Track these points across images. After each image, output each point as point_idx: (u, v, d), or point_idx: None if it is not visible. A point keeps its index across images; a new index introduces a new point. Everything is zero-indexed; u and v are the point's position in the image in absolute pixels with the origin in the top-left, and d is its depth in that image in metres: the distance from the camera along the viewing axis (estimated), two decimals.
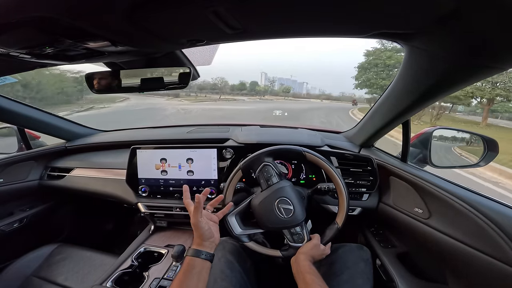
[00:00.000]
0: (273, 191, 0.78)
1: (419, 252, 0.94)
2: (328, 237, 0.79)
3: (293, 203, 0.77)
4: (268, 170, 0.81)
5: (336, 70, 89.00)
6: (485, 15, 0.38)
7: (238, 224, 0.80)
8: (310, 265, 0.68)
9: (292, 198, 0.78)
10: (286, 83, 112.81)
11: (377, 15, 0.45)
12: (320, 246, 0.76)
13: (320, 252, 0.75)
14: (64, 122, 1.35)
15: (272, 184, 0.80)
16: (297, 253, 0.74)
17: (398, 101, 0.78)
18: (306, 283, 0.63)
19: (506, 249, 0.58)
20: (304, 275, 0.65)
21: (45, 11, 0.37)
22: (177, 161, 1.03)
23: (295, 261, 0.71)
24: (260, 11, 0.44)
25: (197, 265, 0.57)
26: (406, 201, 0.89)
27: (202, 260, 0.58)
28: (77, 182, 1.23)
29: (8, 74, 0.81)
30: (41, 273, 1.00)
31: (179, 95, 26.51)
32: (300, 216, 0.77)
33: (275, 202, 0.77)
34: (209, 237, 0.62)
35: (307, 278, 0.64)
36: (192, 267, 0.56)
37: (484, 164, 0.92)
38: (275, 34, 0.56)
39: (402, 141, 0.95)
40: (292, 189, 0.81)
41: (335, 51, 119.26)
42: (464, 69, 0.54)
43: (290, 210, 0.76)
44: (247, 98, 38.96)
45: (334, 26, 0.52)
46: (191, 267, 0.56)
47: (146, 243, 1.06)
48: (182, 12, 0.43)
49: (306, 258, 0.70)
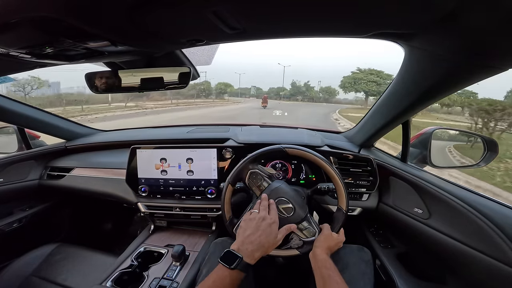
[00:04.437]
0: (267, 194, 0.77)
1: (418, 252, 0.94)
2: (339, 224, 0.77)
3: (291, 201, 0.76)
4: (256, 176, 0.80)
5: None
6: (484, 15, 0.38)
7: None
8: (327, 259, 0.66)
9: (288, 196, 0.77)
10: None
11: (377, 15, 0.45)
12: (333, 235, 0.74)
13: (335, 241, 0.74)
14: (64, 121, 1.35)
15: (265, 188, 0.79)
16: (313, 247, 0.71)
17: (398, 101, 0.78)
18: (323, 278, 0.61)
19: (505, 249, 0.58)
20: (321, 270, 0.63)
21: (45, 11, 0.37)
22: (177, 161, 1.03)
23: (312, 257, 0.69)
24: (260, 11, 0.44)
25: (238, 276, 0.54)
26: (406, 201, 0.89)
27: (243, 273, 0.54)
28: (77, 182, 1.23)
29: (8, 74, 0.82)
30: (41, 272, 1.00)
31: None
32: (302, 211, 0.76)
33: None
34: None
35: (324, 273, 0.62)
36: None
37: (484, 164, 0.92)
38: (274, 34, 0.56)
39: (402, 141, 0.96)
40: (286, 187, 0.80)
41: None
42: (464, 69, 0.54)
43: (290, 208, 0.76)
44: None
45: (334, 26, 0.53)
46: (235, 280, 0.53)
47: (146, 242, 1.06)
48: (181, 12, 0.43)
49: (323, 251, 0.68)
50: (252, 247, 0.57)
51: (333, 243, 0.73)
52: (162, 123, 2.26)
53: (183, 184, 1.04)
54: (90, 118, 10.85)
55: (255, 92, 56.89)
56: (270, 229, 0.62)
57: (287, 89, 61.63)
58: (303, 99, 53.48)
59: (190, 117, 12.96)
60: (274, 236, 0.61)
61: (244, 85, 69.41)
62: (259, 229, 0.61)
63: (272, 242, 0.61)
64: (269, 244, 0.60)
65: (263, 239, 0.59)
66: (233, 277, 0.52)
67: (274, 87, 67.35)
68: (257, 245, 0.58)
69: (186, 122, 1.56)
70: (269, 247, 0.60)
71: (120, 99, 19.29)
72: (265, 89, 68.13)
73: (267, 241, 0.60)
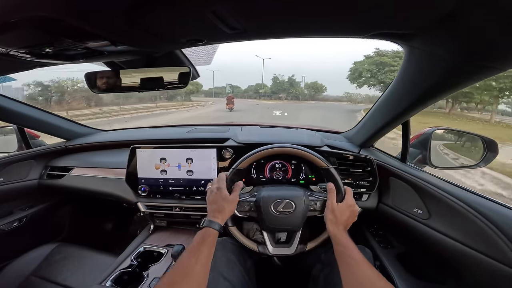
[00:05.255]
0: (261, 208, 0.78)
1: (418, 253, 0.94)
2: (339, 189, 0.76)
3: (284, 198, 0.77)
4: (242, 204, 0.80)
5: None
6: (484, 15, 0.38)
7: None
8: (337, 233, 0.65)
9: (279, 197, 0.77)
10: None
11: (377, 16, 0.45)
12: (339, 206, 0.71)
13: (347, 211, 0.71)
14: (63, 121, 1.35)
15: (251, 199, 0.80)
16: (327, 227, 0.70)
17: (398, 101, 0.78)
18: (337, 256, 0.62)
19: (505, 250, 0.58)
20: (335, 248, 0.63)
21: (44, 10, 0.37)
22: (177, 160, 1.03)
23: (333, 239, 0.66)
24: (260, 11, 0.44)
25: (211, 233, 0.63)
26: (405, 201, 0.89)
27: (214, 230, 0.64)
28: (76, 181, 1.23)
29: (8, 74, 0.82)
30: (41, 272, 1.00)
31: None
32: (298, 195, 0.78)
33: (272, 210, 0.77)
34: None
35: (337, 251, 0.62)
36: (208, 236, 0.62)
37: (484, 164, 0.92)
38: (274, 34, 0.56)
39: (401, 142, 0.96)
40: (270, 191, 0.80)
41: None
42: (463, 70, 0.54)
43: (290, 205, 0.77)
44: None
45: (333, 26, 0.53)
46: (207, 236, 0.62)
47: (145, 242, 1.06)
48: (181, 12, 0.43)
49: (334, 227, 0.67)
50: (211, 209, 0.70)
51: (345, 216, 0.70)
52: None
53: (183, 184, 1.04)
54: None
55: (231, 90, 47.26)
56: (218, 192, 0.72)
57: (268, 85, 52.03)
58: (286, 97, 45.98)
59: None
60: (223, 195, 0.71)
61: (221, 84, 63.07)
62: (210, 196, 0.73)
63: (224, 200, 0.71)
64: (219, 200, 0.70)
65: (215, 200, 0.71)
66: (203, 233, 0.63)
67: (252, 85, 58.73)
68: (213, 207, 0.70)
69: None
70: (225, 204, 0.70)
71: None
72: (244, 87, 61.91)
73: (217, 200, 0.71)
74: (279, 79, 50.01)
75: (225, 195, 0.71)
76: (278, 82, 50.00)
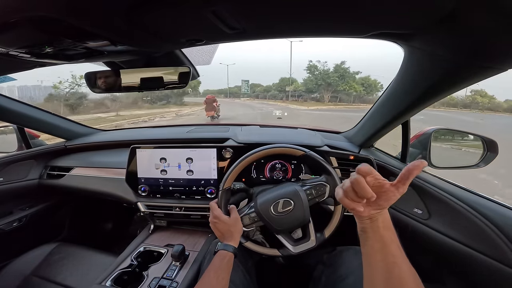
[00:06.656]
0: (262, 215, 0.77)
1: (418, 253, 0.94)
2: (324, 169, 0.78)
3: (279, 198, 0.77)
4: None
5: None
6: (484, 15, 0.38)
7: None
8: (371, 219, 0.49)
9: (274, 198, 0.77)
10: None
11: (377, 16, 0.45)
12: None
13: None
14: (63, 121, 1.35)
15: (250, 211, 0.80)
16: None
17: (398, 101, 0.77)
18: (383, 243, 0.48)
19: (505, 250, 0.59)
20: (381, 234, 0.48)
21: (45, 10, 0.37)
22: (177, 160, 1.03)
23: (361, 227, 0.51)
24: (260, 11, 0.44)
25: (227, 255, 0.68)
26: (405, 201, 0.89)
27: (229, 252, 0.70)
28: (76, 181, 1.23)
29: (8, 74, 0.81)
30: (41, 272, 1.00)
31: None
32: (292, 190, 0.78)
33: (273, 212, 0.77)
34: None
35: (385, 237, 0.48)
36: (223, 257, 0.67)
37: (483, 165, 0.92)
38: (274, 34, 0.56)
39: (401, 142, 0.95)
40: (263, 197, 0.80)
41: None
42: (463, 70, 0.53)
43: (288, 202, 0.76)
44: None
45: (333, 26, 0.53)
46: (223, 257, 0.67)
47: (145, 242, 1.06)
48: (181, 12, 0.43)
49: (368, 209, 0.47)
50: (221, 238, 0.75)
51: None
52: None
53: (183, 183, 1.04)
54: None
55: (247, 89, 35.20)
56: (218, 221, 0.76)
57: (298, 82, 33.19)
58: (331, 97, 28.12)
59: None
60: (224, 220, 0.76)
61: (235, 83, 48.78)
62: (214, 228, 0.77)
63: (228, 225, 0.75)
64: (224, 227, 0.75)
65: (220, 229, 0.76)
66: (222, 256, 0.68)
67: (275, 82, 37.36)
68: (222, 236, 0.75)
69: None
70: (231, 228, 0.75)
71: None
72: (267, 84, 42.18)
73: (222, 228, 0.75)
74: (319, 68, 28.41)
75: (225, 220, 0.75)
76: (318, 73, 28.39)
